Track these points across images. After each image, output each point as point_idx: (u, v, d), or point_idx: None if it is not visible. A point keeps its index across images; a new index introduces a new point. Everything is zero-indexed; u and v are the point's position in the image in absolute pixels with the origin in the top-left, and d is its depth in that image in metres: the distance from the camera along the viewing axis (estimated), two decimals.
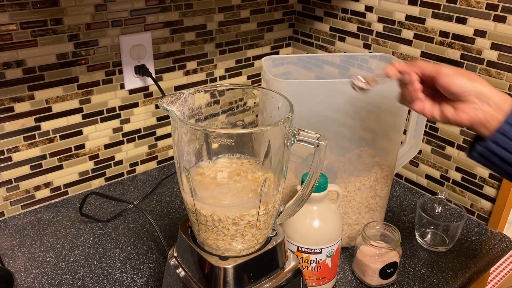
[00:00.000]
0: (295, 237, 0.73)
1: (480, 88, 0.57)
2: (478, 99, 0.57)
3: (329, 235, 0.73)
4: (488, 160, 0.58)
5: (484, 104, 0.57)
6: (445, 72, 0.58)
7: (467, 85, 0.57)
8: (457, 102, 0.59)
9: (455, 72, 0.58)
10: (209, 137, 0.56)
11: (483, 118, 0.57)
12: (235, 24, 1.13)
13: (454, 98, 0.59)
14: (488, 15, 0.86)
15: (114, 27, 0.94)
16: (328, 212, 0.74)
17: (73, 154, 0.99)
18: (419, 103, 0.63)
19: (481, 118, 0.57)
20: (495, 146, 0.56)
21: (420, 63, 0.61)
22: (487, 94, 0.57)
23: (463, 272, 0.84)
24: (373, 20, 1.06)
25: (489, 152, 0.57)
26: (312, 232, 0.73)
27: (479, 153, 0.58)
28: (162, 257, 0.85)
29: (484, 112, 0.57)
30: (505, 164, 0.57)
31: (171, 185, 1.07)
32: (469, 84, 0.57)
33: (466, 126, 0.59)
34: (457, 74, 0.58)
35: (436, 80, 0.59)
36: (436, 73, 0.59)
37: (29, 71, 0.88)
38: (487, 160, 0.58)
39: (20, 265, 0.82)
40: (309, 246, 0.73)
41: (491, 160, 0.58)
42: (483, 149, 0.58)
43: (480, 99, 0.57)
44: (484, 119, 0.57)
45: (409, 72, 0.61)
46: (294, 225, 0.73)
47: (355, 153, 0.82)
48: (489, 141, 0.57)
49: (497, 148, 0.56)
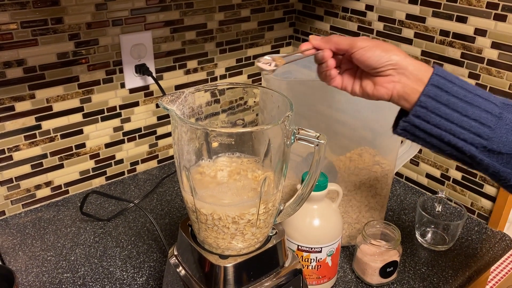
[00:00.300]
0: (295, 236, 0.73)
1: (396, 59, 0.54)
2: (395, 71, 0.55)
3: (329, 234, 0.73)
4: (412, 134, 0.56)
5: (402, 76, 0.54)
6: (360, 45, 0.56)
7: (383, 58, 0.54)
8: (375, 76, 0.57)
9: (371, 45, 0.55)
10: (209, 136, 0.57)
11: (402, 91, 0.55)
12: (236, 23, 1.13)
13: (372, 72, 0.57)
14: (489, 14, 0.86)
15: (114, 26, 0.95)
16: (328, 211, 0.74)
17: (74, 153, 1.00)
18: (338, 79, 0.61)
19: (400, 91, 0.55)
20: (417, 120, 0.54)
21: (335, 38, 0.58)
22: (404, 65, 0.54)
23: (463, 271, 0.84)
24: (373, 19, 1.06)
25: (412, 127, 0.55)
26: (312, 231, 0.73)
27: (403, 128, 0.56)
28: (163, 256, 0.85)
29: (402, 84, 0.54)
30: (430, 136, 0.54)
31: (171, 184, 1.07)
32: (385, 56, 0.54)
33: (388, 101, 0.57)
34: (372, 47, 0.55)
35: (352, 55, 0.57)
36: (351, 48, 0.56)
37: (29, 70, 0.88)
38: (411, 134, 0.56)
39: (21, 264, 0.83)
40: (309, 245, 0.73)
41: (415, 135, 0.55)
42: (406, 124, 0.55)
43: (397, 71, 0.54)
44: (404, 92, 0.55)
45: (322, 48, 0.59)
46: (294, 224, 0.73)
47: (356, 152, 0.82)
48: (411, 115, 0.54)
49: (419, 122, 0.54)
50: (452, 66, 0.95)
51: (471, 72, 0.92)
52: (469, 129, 0.52)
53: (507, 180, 0.53)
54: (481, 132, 0.52)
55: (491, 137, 0.51)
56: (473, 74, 0.92)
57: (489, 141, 0.51)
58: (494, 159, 0.52)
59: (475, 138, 0.52)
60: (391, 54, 0.55)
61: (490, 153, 0.52)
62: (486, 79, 0.90)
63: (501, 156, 0.52)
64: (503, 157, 0.52)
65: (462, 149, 0.53)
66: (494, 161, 0.52)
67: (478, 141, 0.52)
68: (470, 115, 0.52)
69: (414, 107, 0.54)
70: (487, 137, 0.51)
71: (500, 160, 0.52)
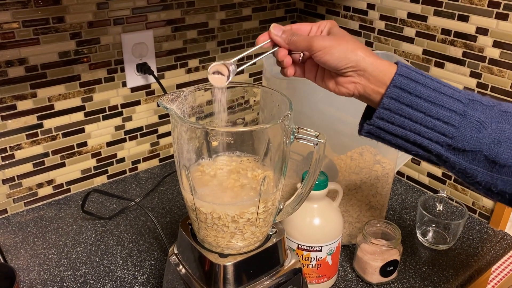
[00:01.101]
0: (295, 234, 0.73)
1: (355, 60, 0.53)
2: (355, 73, 0.53)
3: (329, 233, 0.73)
4: (378, 136, 0.55)
5: (362, 78, 0.53)
6: (317, 47, 0.54)
7: (342, 61, 0.53)
8: (337, 75, 0.55)
9: (329, 45, 0.53)
10: (209, 135, 0.57)
11: (363, 92, 0.54)
12: (237, 22, 1.13)
13: (333, 73, 0.56)
14: (490, 13, 0.86)
15: (116, 25, 0.95)
16: (328, 210, 0.74)
17: (76, 151, 1.00)
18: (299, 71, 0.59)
19: (361, 91, 0.54)
20: (381, 122, 0.53)
21: (294, 40, 0.56)
22: (363, 66, 0.53)
23: (464, 270, 0.84)
24: (375, 18, 1.06)
25: (377, 129, 0.54)
26: (312, 230, 0.73)
27: (367, 131, 0.55)
28: (164, 254, 0.85)
29: (363, 86, 0.54)
30: (395, 137, 0.54)
31: (172, 183, 1.07)
32: (344, 58, 0.53)
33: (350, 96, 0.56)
34: (331, 48, 0.53)
35: (312, 57, 0.55)
36: (309, 51, 0.55)
37: (31, 69, 0.88)
38: (377, 136, 0.55)
39: (22, 262, 0.83)
40: (309, 244, 0.73)
41: (381, 136, 0.55)
42: (370, 126, 0.54)
43: (357, 72, 0.53)
44: (365, 93, 0.54)
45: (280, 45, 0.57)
46: (294, 223, 0.73)
47: (357, 151, 0.82)
48: (374, 117, 0.53)
49: (383, 124, 0.53)
50: (453, 65, 0.94)
51: (472, 71, 0.92)
52: (433, 128, 0.52)
53: (473, 177, 0.53)
54: (445, 131, 0.51)
55: (455, 135, 0.51)
56: (474, 73, 0.92)
57: (453, 139, 0.51)
58: (460, 156, 0.52)
59: (440, 137, 0.52)
60: (351, 55, 0.53)
61: (455, 151, 0.52)
62: (487, 78, 0.90)
63: (466, 154, 0.52)
64: (468, 154, 0.52)
65: (428, 148, 0.53)
66: (460, 159, 0.52)
67: (442, 139, 0.52)
68: (433, 115, 0.51)
69: (377, 109, 0.53)
70: (452, 136, 0.51)
71: (465, 158, 0.52)
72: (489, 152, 0.50)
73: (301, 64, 0.60)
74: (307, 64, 0.59)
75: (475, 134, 0.51)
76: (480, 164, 0.52)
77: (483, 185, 0.52)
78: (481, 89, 0.91)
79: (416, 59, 1.01)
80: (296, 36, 0.56)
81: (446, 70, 0.96)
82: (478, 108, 0.51)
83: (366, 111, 0.57)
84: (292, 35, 0.56)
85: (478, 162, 0.51)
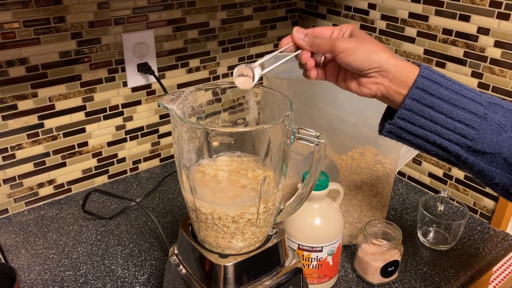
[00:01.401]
0: (296, 235, 0.73)
1: (378, 61, 0.54)
2: (378, 74, 0.54)
3: (330, 233, 0.73)
4: (398, 136, 0.56)
5: (384, 79, 0.54)
6: (340, 49, 0.54)
7: (365, 62, 0.54)
8: (359, 76, 0.56)
9: (352, 47, 0.54)
10: (209, 135, 0.57)
11: (386, 93, 0.55)
12: (238, 22, 1.13)
13: (356, 74, 0.56)
14: (492, 13, 0.86)
15: (116, 25, 0.95)
16: (329, 210, 0.74)
17: (76, 151, 1.00)
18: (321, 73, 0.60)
19: (383, 92, 0.55)
20: (403, 122, 0.54)
21: (317, 42, 0.57)
22: (386, 67, 0.54)
23: (465, 270, 0.84)
24: (376, 18, 1.06)
25: (398, 129, 0.55)
26: (313, 230, 0.73)
27: (388, 130, 0.56)
28: (164, 254, 0.85)
29: (385, 86, 0.54)
30: (415, 137, 0.55)
31: (173, 183, 1.07)
32: (367, 59, 0.54)
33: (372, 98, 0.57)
34: (354, 50, 0.54)
35: (334, 57, 0.56)
36: (333, 51, 0.55)
37: (32, 69, 0.88)
38: (397, 136, 0.56)
39: (23, 262, 0.83)
40: (310, 244, 0.73)
41: (401, 136, 0.56)
42: (392, 126, 0.55)
43: (380, 73, 0.54)
44: (387, 94, 0.55)
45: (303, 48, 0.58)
46: (295, 223, 0.73)
47: (358, 151, 0.82)
48: (396, 118, 0.54)
49: (404, 124, 0.54)
50: (454, 65, 0.94)
51: (473, 71, 0.91)
52: (454, 130, 0.53)
53: (491, 178, 0.54)
54: (465, 133, 0.52)
55: (476, 137, 0.52)
56: (476, 73, 0.91)
57: (473, 141, 0.52)
58: (478, 158, 0.53)
59: (460, 138, 0.53)
60: (374, 56, 0.54)
61: (475, 152, 0.53)
62: (489, 78, 0.90)
63: (485, 156, 0.53)
64: (487, 156, 0.53)
65: (448, 149, 0.54)
66: (479, 160, 0.53)
67: (462, 141, 0.53)
68: (454, 117, 0.52)
69: (399, 109, 0.54)
70: (472, 138, 0.52)
71: (484, 160, 0.53)
72: (509, 154, 0.52)
73: (323, 66, 0.61)
74: (328, 66, 0.60)
75: (495, 137, 0.52)
76: (498, 166, 0.53)
77: (501, 186, 0.54)
78: (482, 89, 0.91)
79: (417, 59, 1.01)
80: (319, 39, 0.57)
81: (447, 70, 0.96)
82: (498, 111, 0.52)
83: (386, 112, 0.58)
84: (315, 37, 0.57)
85: (497, 164, 0.53)
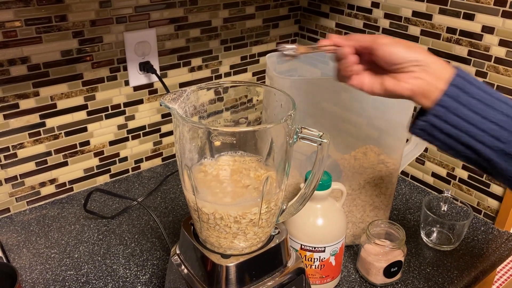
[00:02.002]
0: (298, 235, 0.73)
1: (418, 56, 0.54)
2: (418, 67, 0.54)
3: (333, 233, 0.73)
4: (430, 134, 0.55)
5: (424, 73, 0.54)
6: (382, 42, 0.56)
7: (406, 54, 0.54)
8: (397, 73, 0.56)
9: (393, 41, 0.55)
10: (211, 135, 0.56)
11: (424, 88, 0.54)
12: (240, 21, 1.12)
13: (394, 69, 0.56)
14: (496, 11, 0.85)
15: (118, 23, 0.94)
16: (332, 211, 0.73)
17: (78, 150, 1.00)
18: (356, 78, 0.60)
19: (422, 86, 0.54)
20: (437, 120, 0.54)
21: (355, 36, 0.58)
22: (427, 61, 0.54)
23: (468, 271, 0.83)
24: (379, 16, 1.05)
25: (431, 126, 0.54)
26: (315, 230, 0.72)
27: (421, 127, 0.55)
28: (166, 254, 0.85)
29: (424, 80, 0.54)
30: (448, 137, 0.54)
31: (175, 182, 1.07)
32: (408, 52, 0.55)
33: (408, 98, 0.56)
34: (395, 43, 0.55)
35: (374, 51, 0.56)
36: (373, 43, 0.56)
37: (34, 67, 0.88)
38: (429, 134, 0.55)
39: (25, 261, 0.83)
40: (312, 244, 0.72)
41: (433, 134, 0.55)
42: (424, 123, 0.55)
43: (420, 67, 0.54)
44: (425, 89, 0.54)
45: (343, 45, 0.58)
46: (297, 223, 0.73)
47: (361, 150, 0.81)
48: (430, 114, 0.54)
49: (438, 122, 0.54)
50: (458, 64, 0.94)
51: (478, 70, 0.91)
52: (488, 132, 0.52)
53: None
54: (499, 135, 0.51)
55: (509, 140, 0.51)
56: (480, 72, 0.91)
57: (507, 144, 0.51)
58: (509, 163, 0.52)
59: (494, 141, 0.52)
60: (414, 50, 0.55)
61: (506, 157, 0.52)
62: (493, 77, 0.89)
63: None
64: None
65: (480, 152, 0.53)
66: (510, 166, 0.52)
67: (496, 144, 0.52)
68: (490, 118, 0.52)
69: (434, 106, 0.54)
70: (506, 141, 0.51)
71: None
72: None
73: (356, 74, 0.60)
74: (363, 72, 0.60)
75: None
76: None
77: None
78: None
79: None
80: (358, 34, 0.58)
81: None
82: None
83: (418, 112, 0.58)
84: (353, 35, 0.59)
85: None
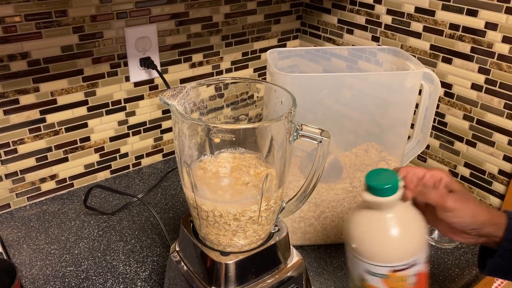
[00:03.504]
0: (388, 258, 0.56)
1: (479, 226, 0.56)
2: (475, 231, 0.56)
3: (421, 237, 0.58)
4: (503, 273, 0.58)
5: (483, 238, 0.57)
6: (450, 209, 0.56)
7: (469, 225, 0.56)
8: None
9: (460, 208, 0.55)
10: (210, 132, 0.56)
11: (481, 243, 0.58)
12: (242, 16, 1.11)
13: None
14: (500, 8, 0.84)
15: (119, 19, 0.94)
16: (406, 212, 0.58)
17: (79, 146, 1.00)
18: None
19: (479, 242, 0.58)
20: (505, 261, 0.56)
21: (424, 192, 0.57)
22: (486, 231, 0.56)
23: (469, 269, 0.83)
24: (381, 12, 1.04)
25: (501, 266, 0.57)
26: (403, 243, 0.56)
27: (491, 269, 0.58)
28: (166, 251, 0.85)
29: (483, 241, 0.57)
30: None
31: (176, 178, 1.07)
32: (471, 223, 0.56)
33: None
34: (461, 211, 0.55)
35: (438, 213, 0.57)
36: (440, 208, 0.56)
37: (34, 63, 0.87)
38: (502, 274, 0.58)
39: (25, 257, 0.83)
40: (405, 262, 0.56)
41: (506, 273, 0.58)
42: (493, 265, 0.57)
43: (479, 233, 0.57)
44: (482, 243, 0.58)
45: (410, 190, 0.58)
46: (381, 247, 0.56)
47: (362, 147, 0.81)
48: (497, 256, 0.56)
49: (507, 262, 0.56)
50: (461, 61, 0.93)
51: (481, 67, 0.90)
52: None
53: None
54: None
55: None
56: (483, 69, 0.90)
57: None
58: None
59: None
60: (476, 219, 0.55)
61: None
62: (496, 74, 0.88)
63: None
64: None
65: None
66: None
67: None
68: None
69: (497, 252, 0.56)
70: None
71: None
72: None
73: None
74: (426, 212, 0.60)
75: None
76: None
77: None
78: (489, 85, 0.90)
79: (423, 54, 0.99)
80: (426, 189, 0.58)
81: (454, 66, 0.94)
82: None
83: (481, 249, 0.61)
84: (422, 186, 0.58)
85: None
